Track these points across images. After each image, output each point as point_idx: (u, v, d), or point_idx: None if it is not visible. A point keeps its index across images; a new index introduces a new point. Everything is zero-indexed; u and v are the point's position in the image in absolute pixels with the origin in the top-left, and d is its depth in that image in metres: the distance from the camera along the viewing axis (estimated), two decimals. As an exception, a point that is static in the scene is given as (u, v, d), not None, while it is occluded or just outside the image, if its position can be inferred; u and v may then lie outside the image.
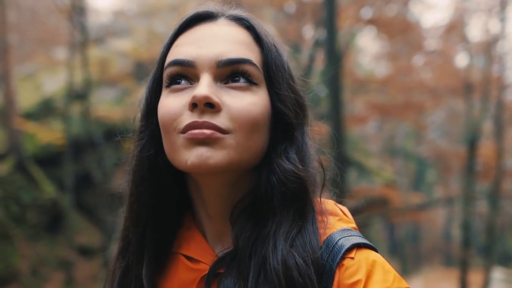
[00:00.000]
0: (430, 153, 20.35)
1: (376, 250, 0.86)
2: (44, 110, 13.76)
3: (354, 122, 14.23)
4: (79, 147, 12.10)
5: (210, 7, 0.91)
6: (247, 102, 0.83)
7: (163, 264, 0.93)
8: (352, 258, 0.82)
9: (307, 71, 12.06)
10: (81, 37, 12.58)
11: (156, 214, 0.92)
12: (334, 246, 0.83)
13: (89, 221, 12.59)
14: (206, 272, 0.86)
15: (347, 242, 0.83)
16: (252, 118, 0.82)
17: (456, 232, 22.00)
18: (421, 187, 24.96)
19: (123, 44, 15.16)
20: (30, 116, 13.30)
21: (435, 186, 25.26)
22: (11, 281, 10.04)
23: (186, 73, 0.84)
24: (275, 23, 13.23)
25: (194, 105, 0.80)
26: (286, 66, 0.91)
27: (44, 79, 15.08)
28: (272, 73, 0.87)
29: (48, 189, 12.00)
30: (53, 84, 14.45)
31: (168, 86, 0.86)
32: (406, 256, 22.80)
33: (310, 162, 0.90)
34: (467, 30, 15.21)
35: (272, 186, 0.84)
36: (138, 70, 12.97)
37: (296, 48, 13.15)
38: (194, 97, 0.80)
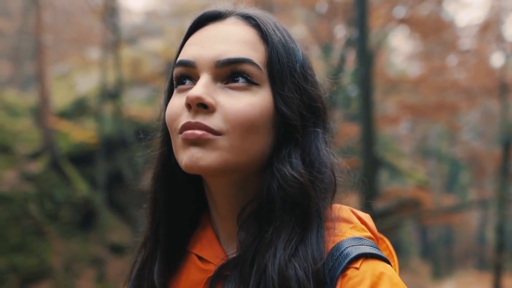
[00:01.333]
0: (464, 154, 20.04)
1: (388, 262, 0.81)
2: (78, 110, 13.99)
3: (386, 123, 14.07)
4: (111, 146, 12.25)
5: (220, 6, 0.89)
6: (244, 103, 0.81)
7: (176, 262, 0.93)
8: (357, 268, 0.77)
9: (338, 71, 11.98)
10: (114, 37, 12.75)
11: (169, 211, 0.93)
12: (339, 254, 0.79)
13: (120, 219, 12.74)
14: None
15: (355, 251, 0.78)
16: (246, 120, 0.80)
17: (490, 235, 21.57)
18: (454, 189, 24.56)
19: (154, 44, 15.32)
20: (64, 115, 13.54)
21: (469, 188, 24.86)
22: (45, 277, 10.23)
23: (189, 73, 0.85)
24: (307, 23, 13.19)
25: (189, 106, 0.81)
26: (297, 65, 0.86)
27: (77, 79, 15.33)
28: (275, 73, 0.84)
29: (81, 187, 12.20)
30: (86, 83, 14.68)
31: (176, 86, 0.87)
32: (438, 259, 22.48)
33: (321, 167, 0.85)
34: (503, 29, 14.93)
35: (273, 191, 0.82)
36: (169, 70, 13.08)
37: (327, 48, 13.08)
38: (187, 98, 0.80)
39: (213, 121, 0.80)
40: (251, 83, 0.82)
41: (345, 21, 11.95)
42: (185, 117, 0.81)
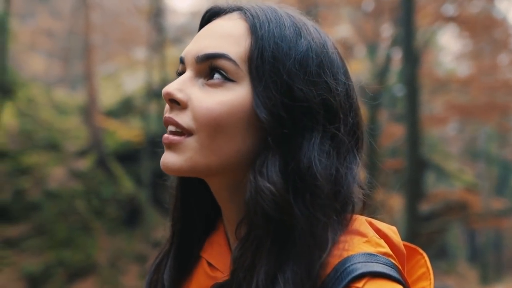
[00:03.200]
0: (515, 156, 19.48)
1: (404, 285, 0.72)
2: (124, 108, 14.26)
3: (433, 123, 13.80)
4: (156, 144, 12.39)
5: (224, 2, 0.87)
6: (213, 100, 0.77)
7: (189, 264, 0.91)
8: None
9: (384, 70, 11.81)
10: (159, 37, 12.93)
11: (184, 211, 0.91)
12: (343, 271, 0.70)
13: (164, 216, 12.89)
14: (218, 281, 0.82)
15: (361, 268, 0.69)
16: (212, 118, 0.76)
17: (542, 241, 20.88)
18: (504, 192, 23.86)
19: (199, 44, 15.44)
20: (111, 114, 13.83)
21: (520, 191, 24.12)
22: (90, 272, 10.45)
23: (183, 69, 0.84)
24: (352, 22, 13.05)
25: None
26: (288, 61, 0.77)
27: (124, 78, 15.62)
28: (253, 69, 0.77)
29: (127, 185, 12.41)
30: (132, 83, 14.95)
31: None
32: (487, 263, 21.88)
33: (314, 179, 0.74)
34: (558, 27, 14.36)
35: (247, 203, 0.75)
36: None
37: (373, 47, 12.91)
38: (162, 93, 0.80)
39: (183, 118, 0.78)
40: (227, 79, 0.78)
41: (392, 20, 11.78)
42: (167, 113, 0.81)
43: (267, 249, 0.73)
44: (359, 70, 11.93)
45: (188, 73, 0.80)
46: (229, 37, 0.79)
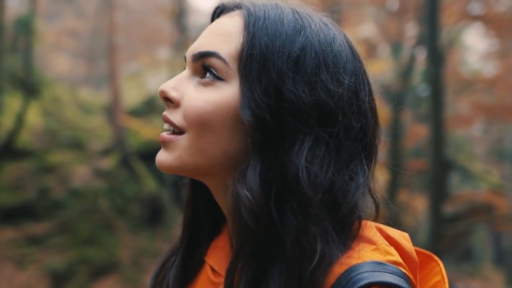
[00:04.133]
0: (542, 158, 19.15)
1: None
2: (147, 108, 14.36)
3: (458, 124, 13.61)
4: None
5: (230, 1, 0.84)
6: (200, 99, 0.75)
7: (194, 268, 0.88)
8: None
9: (408, 70, 11.68)
10: (182, 37, 12.98)
11: (193, 212, 0.90)
12: (348, 280, 0.65)
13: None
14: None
15: (367, 278, 0.65)
16: (198, 116, 0.74)
17: None
18: (530, 194, 23.47)
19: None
20: (134, 113, 13.93)
21: (547, 193, 23.68)
22: (113, 270, 10.53)
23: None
24: (376, 21, 12.94)
25: None
26: (280, 59, 0.73)
27: (147, 78, 15.74)
28: (241, 67, 0.74)
29: (149, 184, 12.49)
30: (156, 82, 15.06)
31: None
32: (512, 266, 21.56)
33: (301, 187, 0.69)
34: None
35: (229, 210, 0.73)
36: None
37: (397, 46, 12.79)
38: (158, 91, 0.80)
39: (176, 116, 0.77)
40: (217, 78, 0.75)
41: (416, 19, 11.65)
42: None
43: (252, 259, 0.69)
44: (382, 70, 11.83)
45: (186, 72, 0.80)
46: (223, 35, 0.77)
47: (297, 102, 0.71)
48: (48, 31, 17.35)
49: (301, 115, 0.71)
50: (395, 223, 0.82)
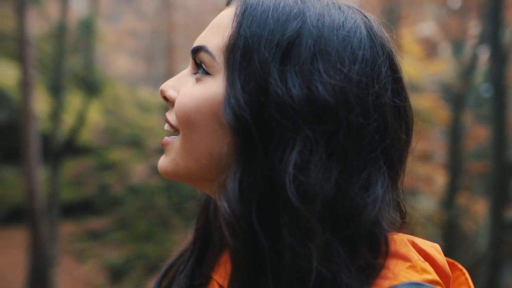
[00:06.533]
0: None
1: None
2: (203, 107, 14.54)
3: (523, 126, 13.08)
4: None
5: None
6: (187, 94, 0.69)
7: (201, 282, 0.78)
8: None
9: (470, 70, 11.32)
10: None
11: (206, 223, 0.84)
12: None
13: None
14: None
15: None
16: (182, 113, 0.68)
17: None
18: None
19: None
20: (191, 112, 14.13)
21: None
22: (168, 266, 10.73)
23: None
24: (437, 19, 12.61)
25: None
26: (266, 50, 0.63)
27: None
28: (226, 60, 0.66)
29: (205, 182, 12.65)
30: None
31: None
32: None
33: (288, 198, 0.59)
34: None
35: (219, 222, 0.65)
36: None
37: (459, 45, 12.41)
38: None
39: (171, 116, 0.73)
40: (206, 73, 0.69)
41: (479, 17, 11.27)
42: None
43: (246, 276, 0.62)
44: (443, 69, 11.52)
45: (187, 69, 0.74)
46: (216, 27, 0.71)
47: (282, 97, 0.61)
48: (109, 32, 17.83)
49: (287, 111, 0.61)
50: (454, 227, 0.76)
